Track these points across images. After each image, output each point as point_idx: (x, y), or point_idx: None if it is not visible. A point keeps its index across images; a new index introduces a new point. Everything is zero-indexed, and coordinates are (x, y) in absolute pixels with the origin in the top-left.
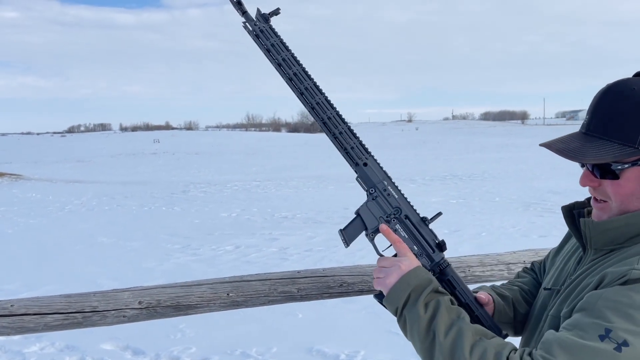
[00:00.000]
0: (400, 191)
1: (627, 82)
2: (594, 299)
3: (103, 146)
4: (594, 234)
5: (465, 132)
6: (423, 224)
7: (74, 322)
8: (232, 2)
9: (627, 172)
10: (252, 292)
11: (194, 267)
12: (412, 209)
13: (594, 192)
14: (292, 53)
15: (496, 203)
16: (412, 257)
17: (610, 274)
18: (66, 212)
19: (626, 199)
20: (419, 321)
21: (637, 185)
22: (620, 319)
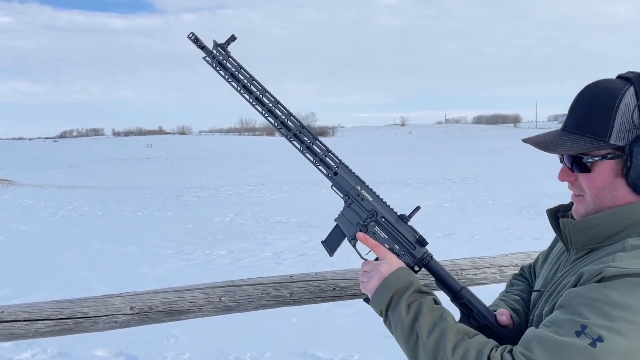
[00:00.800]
0: (374, 193)
1: (603, 81)
2: (571, 296)
3: (96, 151)
4: (573, 233)
5: (458, 135)
6: (401, 222)
7: (65, 328)
8: (190, 39)
9: (599, 165)
10: (244, 296)
11: (187, 272)
12: (389, 208)
13: (572, 187)
14: (252, 76)
15: (489, 206)
16: (392, 258)
17: (587, 272)
18: (58, 217)
19: (599, 193)
20: (402, 323)
21: (609, 178)
22: (596, 316)
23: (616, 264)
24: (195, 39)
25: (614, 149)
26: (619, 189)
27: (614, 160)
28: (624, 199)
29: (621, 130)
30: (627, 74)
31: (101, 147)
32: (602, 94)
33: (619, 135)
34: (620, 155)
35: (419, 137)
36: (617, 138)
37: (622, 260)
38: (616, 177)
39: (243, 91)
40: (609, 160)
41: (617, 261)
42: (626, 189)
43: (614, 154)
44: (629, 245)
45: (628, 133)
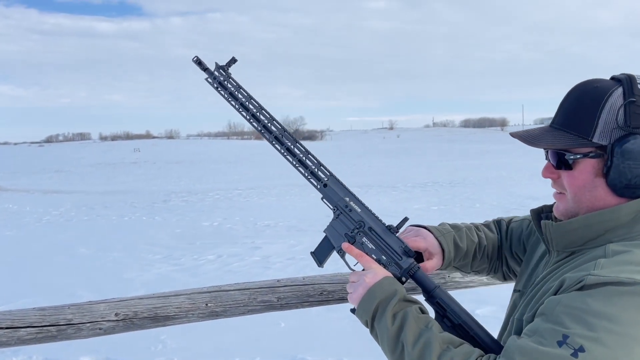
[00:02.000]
0: (363, 204)
1: (594, 80)
2: (553, 304)
3: (82, 156)
4: (554, 235)
5: (445, 139)
6: (388, 233)
7: (48, 335)
8: (194, 62)
9: (580, 163)
10: (231, 302)
11: (175, 277)
12: (376, 219)
13: (554, 184)
14: (250, 96)
15: (477, 209)
16: (377, 268)
17: (568, 279)
18: (44, 223)
19: (579, 191)
20: (387, 332)
21: (589, 177)
22: (577, 325)
23: (597, 272)
24: (198, 61)
25: (596, 147)
26: (599, 189)
27: (595, 159)
28: (603, 200)
29: (605, 129)
30: (619, 76)
31: (88, 152)
32: (590, 92)
33: (602, 134)
34: (602, 155)
35: (407, 141)
36: (600, 137)
37: (604, 267)
38: (596, 176)
39: (241, 109)
40: (590, 159)
41: (598, 268)
42: (605, 189)
43: (595, 153)
44: (611, 251)
45: (611, 133)
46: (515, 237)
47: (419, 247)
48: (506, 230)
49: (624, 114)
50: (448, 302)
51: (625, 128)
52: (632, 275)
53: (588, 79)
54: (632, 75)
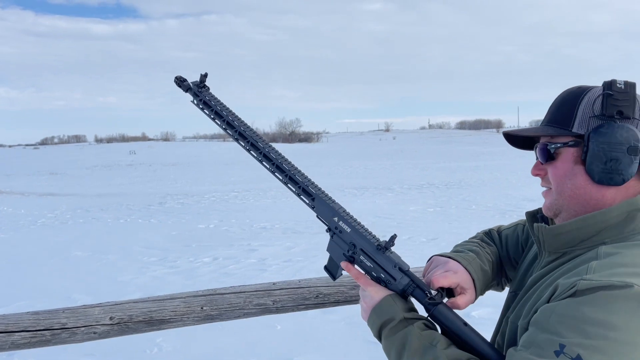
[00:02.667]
0: (352, 222)
1: (582, 85)
2: (547, 314)
3: (78, 158)
4: (547, 238)
5: (441, 141)
6: (378, 252)
7: (42, 340)
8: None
9: (562, 153)
10: (226, 305)
11: (171, 279)
12: (366, 238)
13: (543, 182)
14: (233, 113)
15: (473, 211)
16: (374, 291)
17: (561, 285)
18: (39, 225)
19: (561, 180)
20: (391, 353)
21: (569, 165)
22: (573, 334)
23: (589, 277)
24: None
25: (575, 136)
26: (578, 176)
27: (574, 147)
28: (583, 188)
29: (583, 119)
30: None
31: (83, 154)
32: (573, 91)
33: (580, 124)
34: (580, 143)
35: (403, 143)
36: (579, 127)
37: (595, 271)
38: (576, 164)
39: (227, 128)
40: (570, 148)
41: (590, 272)
42: (584, 177)
43: (574, 141)
44: (602, 253)
45: (588, 122)
46: (511, 244)
47: (451, 284)
48: (500, 240)
49: (600, 104)
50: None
51: (601, 117)
52: (623, 278)
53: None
54: (614, 79)
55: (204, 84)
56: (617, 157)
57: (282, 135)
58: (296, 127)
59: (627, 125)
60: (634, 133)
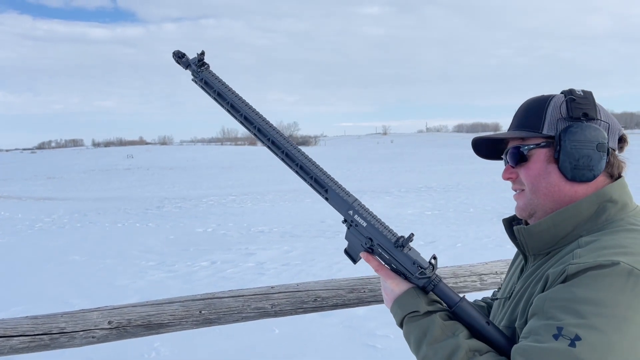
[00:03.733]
0: (367, 217)
1: (543, 94)
2: (541, 301)
3: (75, 162)
4: (527, 239)
5: (439, 144)
6: (396, 250)
7: (41, 344)
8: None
9: (534, 154)
10: (224, 309)
11: (169, 284)
12: (382, 234)
13: (514, 184)
14: (237, 96)
15: (471, 214)
16: (394, 283)
17: (552, 275)
18: (36, 230)
19: (535, 180)
20: (413, 341)
21: (542, 165)
22: (568, 315)
23: (576, 261)
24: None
25: (545, 137)
26: (552, 175)
27: (546, 148)
28: (557, 185)
29: (551, 121)
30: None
31: (80, 158)
32: (537, 98)
33: (550, 126)
34: (551, 143)
35: (401, 146)
36: (548, 128)
37: (581, 256)
38: (549, 163)
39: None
40: (542, 149)
41: (576, 258)
42: (558, 174)
43: (546, 142)
44: (583, 242)
45: (557, 123)
46: None
47: None
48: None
49: (566, 108)
50: (470, 321)
51: (568, 119)
52: (609, 257)
53: None
54: (572, 88)
55: (202, 62)
56: (588, 154)
57: None
58: (294, 131)
59: (593, 125)
60: (601, 132)
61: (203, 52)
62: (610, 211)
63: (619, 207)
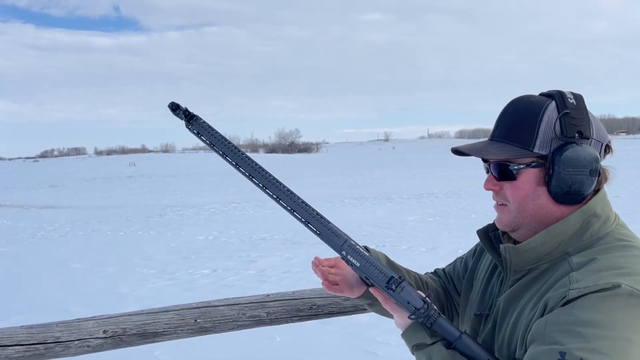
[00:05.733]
0: (359, 257)
1: (527, 96)
2: (542, 326)
3: (77, 170)
4: (514, 258)
5: (440, 150)
6: (389, 292)
7: (36, 353)
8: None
9: (523, 173)
10: (220, 317)
11: (169, 292)
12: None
13: (496, 196)
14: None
15: (472, 220)
16: (399, 317)
17: (551, 299)
18: (38, 238)
19: (522, 201)
20: None
21: (532, 187)
22: (570, 339)
23: (576, 285)
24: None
25: (537, 157)
26: (541, 197)
27: (537, 168)
28: (545, 208)
29: (544, 139)
30: (550, 92)
31: (83, 167)
32: (527, 106)
33: (542, 145)
34: (543, 164)
35: (403, 152)
36: (540, 147)
37: (579, 280)
38: (538, 185)
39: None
40: (532, 169)
41: (574, 282)
42: (547, 197)
43: (537, 162)
44: (576, 264)
45: (550, 143)
46: (455, 277)
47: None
48: (445, 275)
49: (559, 125)
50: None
51: (563, 138)
52: (609, 279)
53: (520, 96)
54: (561, 91)
55: (191, 116)
56: (581, 180)
57: (282, 145)
58: (296, 138)
59: (588, 148)
60: (595, 155)
61: (186, 108)
62: (595, 226)
63: (602, 221)
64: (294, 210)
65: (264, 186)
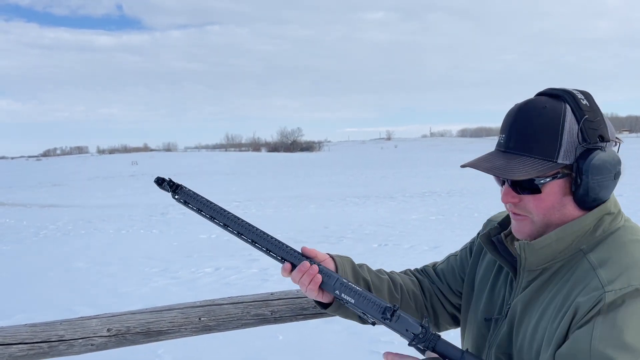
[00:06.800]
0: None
1: (536, 101)
2: (585, 339)
3: (79, 169)
4: (530, 255)
5: (443, 149)
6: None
7: (40, 352)
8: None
9: (548, 186)
10: (224, 315)
11: (172, 290)
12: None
13: (514, 208)
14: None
15: (475, 218)
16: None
17: (583, 304)
18: (41, 237)
19: (548, 212)
20: None
21: (557, 197)
22: (623, 353)
23: (611, 287)
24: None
25: (562, 168)
26: (567, 206)
27: (563, 179)
28: (571, 215)
29: (568, 149)
30: (557, 92)
31: (85, 165)
32: (542, 113)
33: (566, 155)
34: (569, 174)
35: (405, 151)
36: (564, 157)
37: (611, 281)
38: (564, 195)
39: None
40: (558, 180)
41: (606, 283)
42: (573, 205)
43: (562, 173)
44: (594, 261)
45: (574, 151)
46: (449, 276)
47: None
48: (437, 275)
49: (582, 132)
50: None
51: (585, 144)
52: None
53: (528, 100)
54: (570, 92)
55: (176, 186)
56: (607, 185)
57: (284, 144)
58: (298, 137)
59: (611, 152)
60: (618, 157)
61: (170, 179)
62: (606, 222)
63: (613, 217)
64: (284, 259)
65: (253, 241)
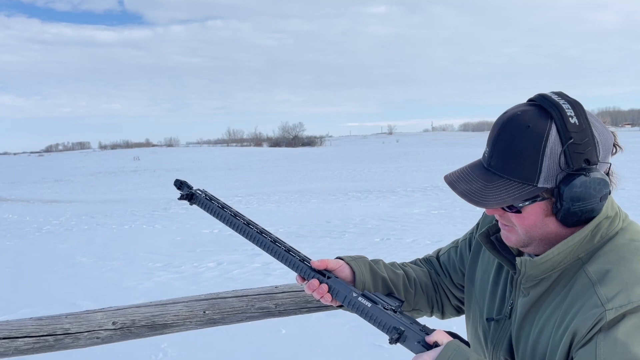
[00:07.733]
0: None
1: (521, 118)
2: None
3: (82, 165)
4: (530, 270)
5: (445, 143)
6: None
7: (46, 345)
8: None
9: (528, 207)
10: (228, 309)
11: (175, 285)
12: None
13: (500, 218)
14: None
15: (477, 213)
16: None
17: (583, 324)
18: (44, 232)
19: (530, 229)
20: None
21: (539, 218)
22: None
23: (610, 305)
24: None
25: (543, 192)
26: (549, 225)
27: (543, 201)
28: (555, 232)
29: (549, 174)
30: (546, 106)
31: (88, 161)
32: (525, 134)
33: (546, 179)
34: (549, 197)
35: (407, 145)
36: (545, 181)
37: (609, 298)
38: (546, 216)
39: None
40: (539, 202)
41: (605, 300)
42: (556, 224)
43: (542, 197)
44: (593, 275)
45: (556, 176)
46: (451, 268)
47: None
48: (439, 264)
49: (564, 157)
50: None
51: (567, 170)
52: None
53: (513, 115)
54: (559, 107)
55: (191, 195)
56: (592, 207)
57: (286, 139)
58: (299, 131)
59: (596, 177)
60: (604, 180)
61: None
62: (604, 227)
63: (610, 221)
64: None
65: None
